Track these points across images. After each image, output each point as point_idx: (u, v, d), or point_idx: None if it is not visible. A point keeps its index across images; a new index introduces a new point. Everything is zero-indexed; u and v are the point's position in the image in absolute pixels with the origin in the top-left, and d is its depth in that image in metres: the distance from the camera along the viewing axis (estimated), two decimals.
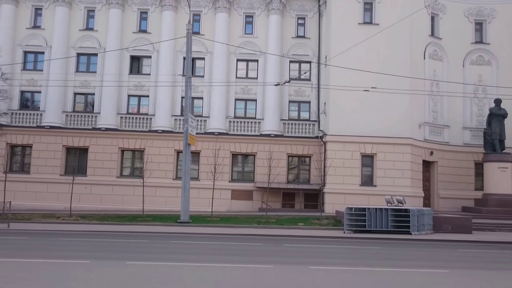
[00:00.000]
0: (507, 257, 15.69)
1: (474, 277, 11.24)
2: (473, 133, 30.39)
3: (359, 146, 27.66)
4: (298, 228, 22.42)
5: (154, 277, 10.13)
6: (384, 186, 26.92)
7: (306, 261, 12.94)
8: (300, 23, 31.78)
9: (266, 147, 28.90)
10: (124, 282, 9.61)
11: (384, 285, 9.88)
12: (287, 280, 10.15)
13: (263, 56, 30.79)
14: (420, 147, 28.49)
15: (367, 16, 28.65)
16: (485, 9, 31.03)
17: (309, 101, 31.13)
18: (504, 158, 27.96)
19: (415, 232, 20.63)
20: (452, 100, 29.75)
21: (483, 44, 30.97)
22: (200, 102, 31.12)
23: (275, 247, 16.39)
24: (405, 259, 14.55)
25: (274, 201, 29.21)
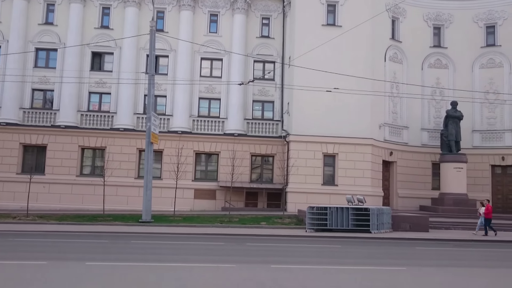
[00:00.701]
0: (461, 254, 16.29)
1: (430, 274, 11.63)
2: (430, 134, 31.35)
3: (321, 146, 28.05)
4: (261, 227, 22.53)
5: (114, 278, 9.98)
6: (345, 185, 27.39)
7: (268, 260, 13.05)
8: (264, 23, 31.94)
9: (230, 146, 28.90)
10: (83, 283, 9.43)
11: (344, 283, 10.07)
12: (249, 279, 10.20)
13: (228, 55, 30.76)
14: (380, 147, 29.16)
15: (330, 18, 29.07)
16: (443, 14, 32.05)
17: (273, 101, 31.33)
18: (460, 158, 28.97)
19: (375, 230, 21.11)
20: (411, 102, 30.58)
21: (441, 48, 31.99)
22: (164, 101, 30.79)
23: (238, 247, 16.43)
24: (365, 257, 14.86)
25: (237, 200, 29.25)
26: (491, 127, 30.75)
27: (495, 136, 30.52)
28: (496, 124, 30.63)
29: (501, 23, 30.97)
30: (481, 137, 30.90)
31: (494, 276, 11.53)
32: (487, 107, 30.82)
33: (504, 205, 30.20)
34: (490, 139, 30.64)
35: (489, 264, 13.84)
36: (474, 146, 30.79)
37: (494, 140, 30.51)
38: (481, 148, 30.68)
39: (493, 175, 30.66)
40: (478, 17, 31.56)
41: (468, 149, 30.11)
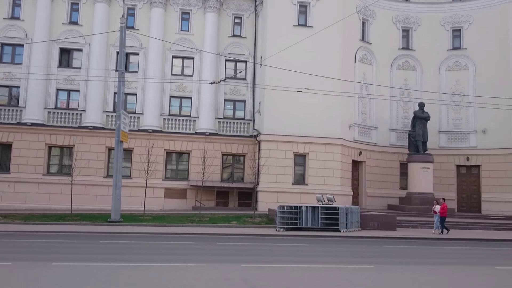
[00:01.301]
0: (427, 252, 16.70)
1: (397, 271, 11.89)
2: (398, 134, 32.00)
3: (292, 145, 28.25)
4: (232, 226, 22.54)
5: (82, 278, 9.83)
6: (316, 185, 27.68)
7: (239, 259, 13.08)
8: (236, 22, 31.94)
9: (201, 146, 28.80)
10: (49, 284, 9.25)
11: (314, 281, 10.19)
12: (219, 278, 10.21)
13: (199, 53, 30.62)
14: (350, 147, 29.59)
15: (302, 18, 29.30)
16: (412, 17, 32.75)
17: (244, 100, 31.37)
18: (426, 158, 29.67)
19: (344, 229, 21.41)
20: (380, 103, 31.14)
21: (409, 50, 32.67)
22: (134, 99, 30.43)
23: (208, 246, 16.40)
24: (334, 255, 15.08)
25: (208, 199, 29.18)
26: (456, 128, 31.62)
27: (461, 137, 31.40)
28: (461, 125, 31.52)
29: (466, 27, 31.86)
30: (447, 137, 31.75)
31: (458, 273, 11.87)
32: (453, 108, 31.67)
33: (468, 204, 31.13)
34: (455, 140, 31.52)
35: (454, 262, 14.23)
36: (441, 146, 31.61)
37: (460, 141, 31.40)
38: (447, 149, 31.52)
39: (458, 175, 31.55)
40: (445, 21, 32.38)
41: (435, 150, 30.89)
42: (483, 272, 12.18)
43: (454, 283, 10.47)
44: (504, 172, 29.77)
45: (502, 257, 15.91)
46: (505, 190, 29.63)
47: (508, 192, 29.52)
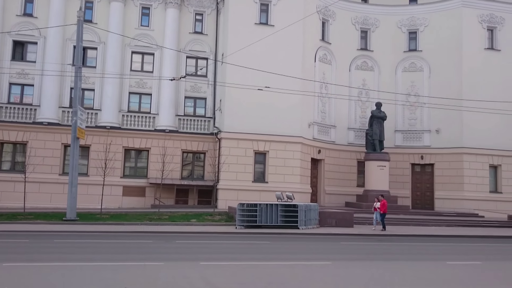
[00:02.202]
0: (382, 248, 17.15)
1: (353, 267, 12.18)
2: (356, 133, 32.69)
3: (252, 143, 28.37)
4: (191, 224, 22.43)
5: (34, 279, 9.55)
6: (275, 182, 27.91)
7: (198, 257, 13.04)
8: (198, 19, 31.70)
9: (161, 143, 28.48)
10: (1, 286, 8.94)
11: (272, 278, 10.30)
12: (177, 277, 10.15)
13: (160, 49, 30.25)
14: (309, 145, 29.99)
15: (263, 17, 29.43)
16: (370, 19, 33.49)
17: (205, 97, 31.23)
18: (383, 157, 30.45)
19: (303, 226, 21.70)
20: (339, 102, 31.70)
21: (367, 51, 33.41)
22: (91, 94, 29.74)
23: (167, 244, 16.27)
24: (292, 252, 15.27)
25: (168, 197, 28.91)
26: (411, 128, 32.61)
27: (415, 136, 32.42)
28: (416, 125, 32.53)
29: (422, 29, 32.86)
30: (403, 137, 32.70)
31: (412, 268, 12.27)
32: (408, 108, 32.64)
33: (422, 202, 32.19)
34: (410, 139, 32.51)
35: (407, 257, 14.69)
36: (396, 145, 32.53)
37: (414, 140, 32.41)
38: (402, 147, 32.46)
39: (413, 173, 32.57)
40: (401, 23, 33.30)
41: (391, 148, 31.75)
42: (435, 267, 12.63)
43: (407, 278, 10.82)
44: (455, 170, 30.95)
45: (453, 252, 16.55)
46: (456, 188, 30.81)
47: (459, 189, 30.72)
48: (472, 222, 26.73)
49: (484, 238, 21.47)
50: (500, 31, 32.20)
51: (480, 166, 30.96)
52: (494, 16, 32.10)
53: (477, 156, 30.90)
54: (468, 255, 15.58)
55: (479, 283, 10.51)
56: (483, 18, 32.00)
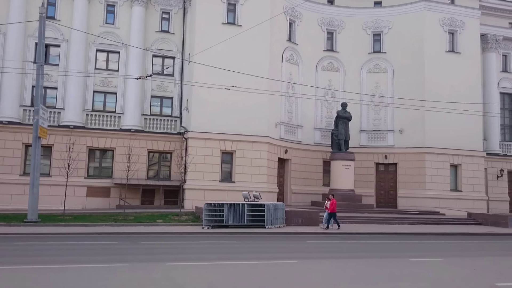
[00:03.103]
0: (347, 246, 17.46)
1: (319, 265, 12.34)
2: (322, 133, 33.11)
3: (219, 143, 28.32)
4: (157, 225, 22.22)
5: None
6: (242, 182, 27.95)
7: (163, 258, 12.94)
8: (164, 18, 31.39)
9: (126, 142, 28.06)
10: None
11: (238, 277, 10.33)
12: (143, 278, 10.05)
13: (125, 48, 29.79)
14: (276, 145, 30.18)
15: (230, 16, 29.42)
16: (336, 20, 33.96)
17: (172, 97, 30.97)
18: (348, 156, 30.94)
19: (269, 225, 21.82)
20: (305, 102, 32.03)
21: (333, 52, 33.87)
22: (54, 93, 29.04)
23: (132, 245, 16.07)
24: (259, 251, 15.34)
25: (133, 198, 28.54)
26: (376, 128, 33.27)
27: (380, 136, 33.09)
28: (380, 125, 33.20)
29: (386, 31, 33.57)
30: (367, 136, 33.32)
31: (376, 265, 12.53)
32: (373, 109, 33.29)
33: (386, 200, 32.89)
34: (375, 138, 33.17)
35: (371, 255, 14.96)
36: (361, 145, 33.12)
37: (379, 140, 33.08)
38: (367, 147, 33.08)
39: (377, 172, 33.23)
40: (366, 25, 33.91)
41: (356, 148, 32.30)
42: (398, 263, 12.95)
43: (371, 275, 11.04)
44: (418, 169, 31.77)
45: (416, 249, 16.99)
46: (418, 187, 31.63)
47: (421, 188, 31.54)
48: (433, 220, 27.50)
49: (445, 235, 22.13)
50: (461, 34, 33.23)
51: (441, 165, 31.87)
52: (455, 20, 33.10)
53: (438, 155, 31.79)
54: (430, 252, 16.01)
55: (440, 278, 10.83)
56: (444, 22, 32.95)
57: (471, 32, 33.49)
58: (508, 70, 37.05)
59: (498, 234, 23.40)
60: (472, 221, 27.92)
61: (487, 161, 34.26)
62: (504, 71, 36.93)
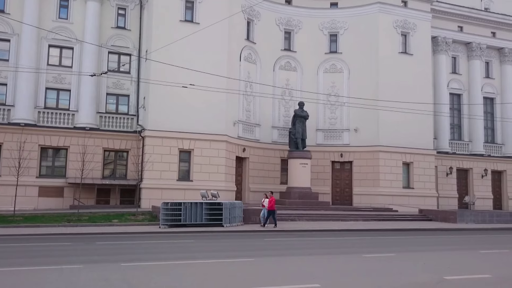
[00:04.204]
0: (304, 243, 17.76)
1: (275, 262, 12.51)
2: (280, 132, 33.44)
3: (177, 141, 28.10)
4: (113, 225, 21.83)
5: None
6: (200, 181, 27.85)
7: (119, 258, 12.76)
8: (120, 14, 30.79)
9: (80, 141, 27.28)
10: None
11: (195, 277, 10.32)
12: (98, 279, 9.88)
13: (79, 44, 29.03)
14: (234, 143, 30.23)
15: (188, 14, 29.21)
16: (294, 20, 34.36)
17: (128, 94, 30.45)
18: (305, 155, 31.39)
19: (227, 224, 21.86)
20: (263, 101, 32.24)
21: (291, 52, 34.25)
22: (4, 89, 27.97)
23: (86, 246, 15.74)
24: (217, 250, 15.35)
25: (88, 197, 27.89)
26: (332, 127, 33.92)
27: (335, 135, 33.76)
28: (336, 124, 33.86)
29: (342, 32, 34.24)
30: (324, 135, 33.92)
31: (330, 261, 12.83)
32: (329, 108, 33.91)
33: (341, 197, 33.59)
34: (331, 137, 33.82)
35: (326, 251, 15.31)
36: (318, 143, 33.67)
37: (335, 139, 33.75)
38: (323, 146, 33.66)
39: (333, 170, 33.88)
40: (323, 26, 34.47)
41: (313, 146, 32.80)
42: (352, 259, 13.31)
43: (326, 270, 11.29)
44: (372, 167, 32.63)
45: (369, 245, 17.46)
46: (372, 184, 32.49)
47: (375, 186, 32.42)
48: (387, 216, 28.33)
49: (397, 231, 22.85)
50: (413, 36, 34.32)
51: (394, 163, 32.85)
52: (408, 22, 34.17)
53: (391, 154, 32.76)
54: (383, 248, 16.49)
55: (392, 273, 11.21)
56: (397, 24, 33.94)
57: (422, 35, 34.67)
58: (457, 71, 38.61)
59: (447, 230, 24.40)
60: (423, 217, 28.95)
61: (437, 159, 35.58)
62: (453, 72, 38.45)
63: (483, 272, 11.32)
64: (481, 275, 10.97)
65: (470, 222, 27.64)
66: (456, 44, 38.31)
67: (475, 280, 10.52)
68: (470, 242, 19.13)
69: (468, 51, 38.81)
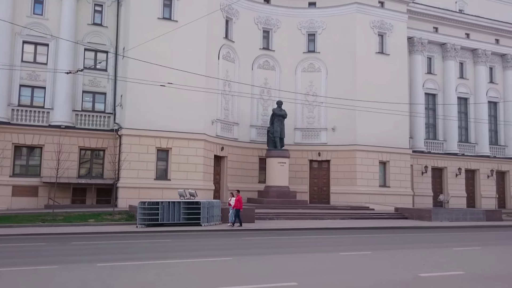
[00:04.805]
0: (282, 242, 17.84)
1: (254, 261, 12.57)
2: (258, 131, 33.48)
3: (155, 140, 27.86)
4: (89, 224, 21.55)
5: None
6: (178, 180, 27.67)
7: (95, 259, 12.62)
8: (97, 10, 30.36)
9: (56, 139, 26.82)
10: None
11: (172, 277, 10.27)
12: (73, 280, 9.75)
13: (55, 40, 28.50)
14: (213, 142, 30.14)
15: (166, 11, 28.97)
16: (272, 19, 34.42)
17: (105, 92, 30.08)
18: (283, 154, 31.51)
19: (205, 223, 21.81)
20: (241, 100, 32.23)
21: (269, 51, 34.31)
22: None
23: (62, 246, 15.51)
24: (195, 249, 15.31)
25: (63, 197, 27.45)
26: (310, 126, 34.11)
27: (313, 134, 33.98)
28: (314, 123, 34.08)
29: (320, 32, 34.45)
30: (302, 134, 34.10)
31: (308, 260, 12.93)
32: (307, 107, 34.09)
33: (319, 196, 33.82)
34: (309, 136, 34.02)
35: (304, 250, 15.41)
36: (296, 142, 33.82)
37: (312, 138, 33.96)
38: (301, 145, 33.83)
39: (311, 169, 34.08)
40: (301, 25, 34.63)
41: (291, 145, 32.93)
42: (329, 257, 13.43)
43: (304, 269, 11.38)
44: (349, 166, 32.94)
45: (346, 243, 17.66)
46: (350, 183, 32.81)
47: (352, 184, 32.73)
48: (363, 215, 28.68)
49: (374, 229, 23.16)
50: (389, 36, 34.76)
51: (371, 162, 33.23)
52: (384, 23, 34.58)
53: (368, 153, 33.13)
54: (360, 246, 16.70)
55: (367, 271, 11.37)
56: (374, 24, 34.32)
57: (399, 35, 35.15)
58: (432, 72, 39.27)
59: (422, 227, 24.84)
60: (399, 215, 29.39)
61: (413, 158, 36.13)
62: (428, 72, 39.11)
63: (457, 269, 11.57)
64: (455, 272, 11.21)
65: (445, 220, 28.21)
66: (431, 45, 38.97)
67: (449, 277, 10.74)
68: (444, 240, 19.51)
69: (443, 51, 39.53)
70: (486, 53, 40.52)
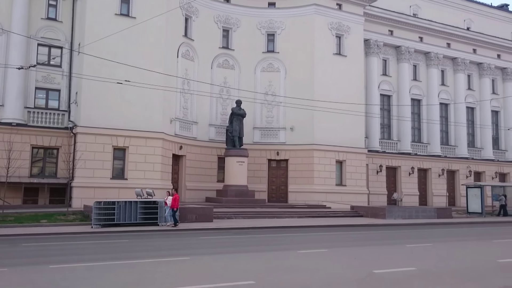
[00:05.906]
0: (240, 241, 17.90)
1: (210, 261, 12.57)
2: (217, 130, 33.41)
3: (111, 138, 27.31)
4: (41, 225, 20.90)
5: None
6: (136, 179, 27.24)
7: (47, 260, 12.26)
8: (51, 4, 29.43)
9: (6, 137, 25.76)
10: None
11: (127, 277, 10.13)
12: (24, 283, 9.45)
13: (6, 34, 27.46)
14: (171, 141, 29.84)
15: (124, 8, 28.43)
16: (232, 18, 34.41)
17: (59, 89, 29.23)
18: (242, 153, 31.58)
19: (163, 223, 21.59)
20: (200, 99, 32.06)
21: (229, 50, 34.28)
22: None
23: (11, 248, 14.97)
24: (152, 249, 15.12)
25: (14, 197, 26.46)
26: (269, 125, 34.34)
27: (272, 133, 34.22)
28: (273, 123, 34.33)
29: (279, 32, 34.71)
30: (261, 133, 34.28)
31: (267, 258, 13.03)
32: (266, 107, 34.30)
33: (277, 195, 34.10)
34: (268, 135, 34.23)
35: (262, 249, 15.54)
36: (255, 141, 33.96)
37: (271, 137, 34.20)
38: (260, 144, 34.00)
39: (269, 168, 34.32)
40: (261, 25, 34.78)
41: (250, 144, 33.04)
42: (286, 256, 13.59)
43: (261, 267, 11.46)
44: (306, 165, 33.38)
45: (304, 241, 17.92)
46: (307, 182, 33.26)
47: (309, 183, 33.19)
48: (320, 213, 29.14)
49: (331, 227, 23.58)
50: (347, 38, 35.44)
51: (328, 161, 33.80)
52: (342, 25, 35.23)
53: (325, 152, 33.68)
54: (316, 244, 16.99)
55: (323, 268, 11.58)
56: (332, 26, 34.90)
57: (356, 37, 35.89)
58: (387, 73, 40.35)
59: (377, 225, 25.51)
60: (355, 213, 30.07)
61: (368, 157, 37.01)
62: (383, 74, 40.15)
63: (409, 265, 11.95)
64: (407, 268, 11.58)
65: (398, 217, 29.06)
66: (387, 47, 40.04)
67: (402, 272, 11.10)
68: (397, 237, 20.10)
69: (397, 54, 40.69)
70: (438, 56, 42.04)
